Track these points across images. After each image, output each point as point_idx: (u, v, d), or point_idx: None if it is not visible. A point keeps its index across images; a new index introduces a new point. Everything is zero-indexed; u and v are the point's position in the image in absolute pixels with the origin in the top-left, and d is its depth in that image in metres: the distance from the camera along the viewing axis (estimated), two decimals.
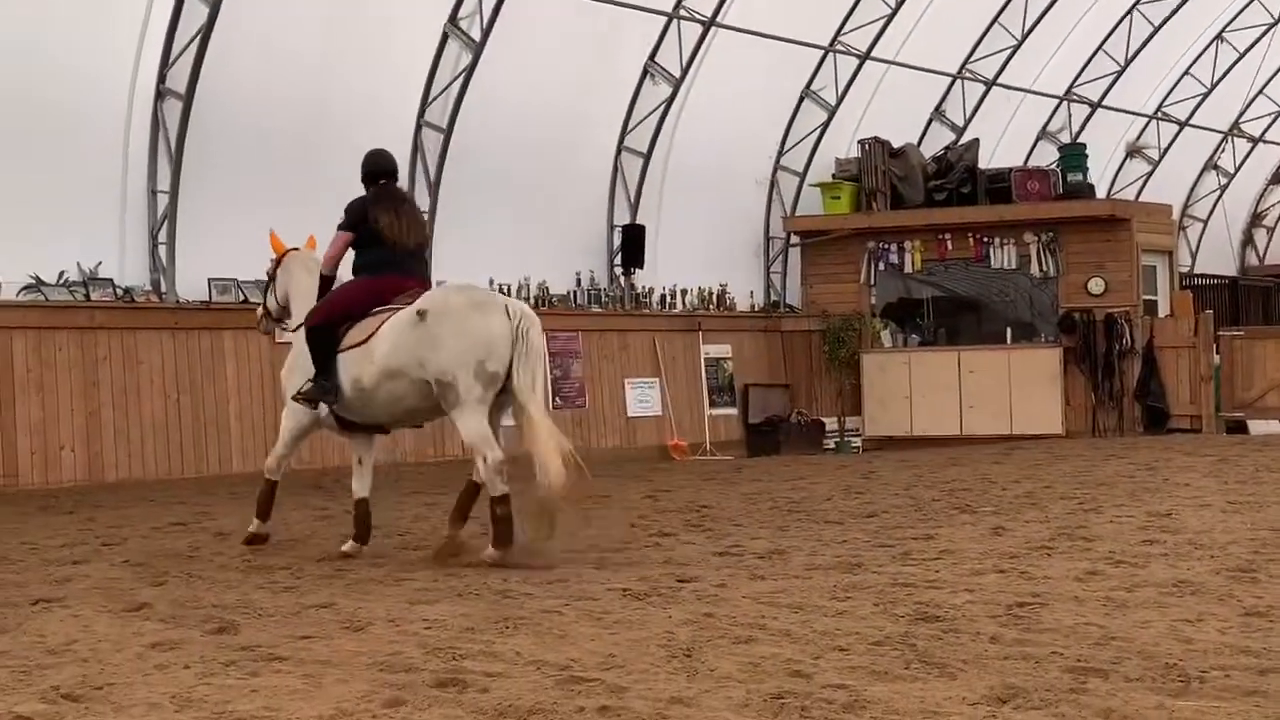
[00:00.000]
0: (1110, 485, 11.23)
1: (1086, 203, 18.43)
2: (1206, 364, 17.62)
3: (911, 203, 18.95)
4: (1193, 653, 5.13)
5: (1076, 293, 18.10)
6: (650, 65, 17.28)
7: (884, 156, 19.02)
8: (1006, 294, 18.94)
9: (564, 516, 7.67)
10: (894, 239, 18.77)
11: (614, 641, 5.55)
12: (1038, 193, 18.46)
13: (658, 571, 7.33)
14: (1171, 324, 18.05)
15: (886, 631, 5.63)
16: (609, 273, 17.63)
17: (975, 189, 18.79)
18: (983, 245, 18.50)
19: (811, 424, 18.40)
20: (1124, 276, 17.99)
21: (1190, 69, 24.20)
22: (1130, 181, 24.57)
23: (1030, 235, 18.29)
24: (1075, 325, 17.92)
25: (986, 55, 20.74)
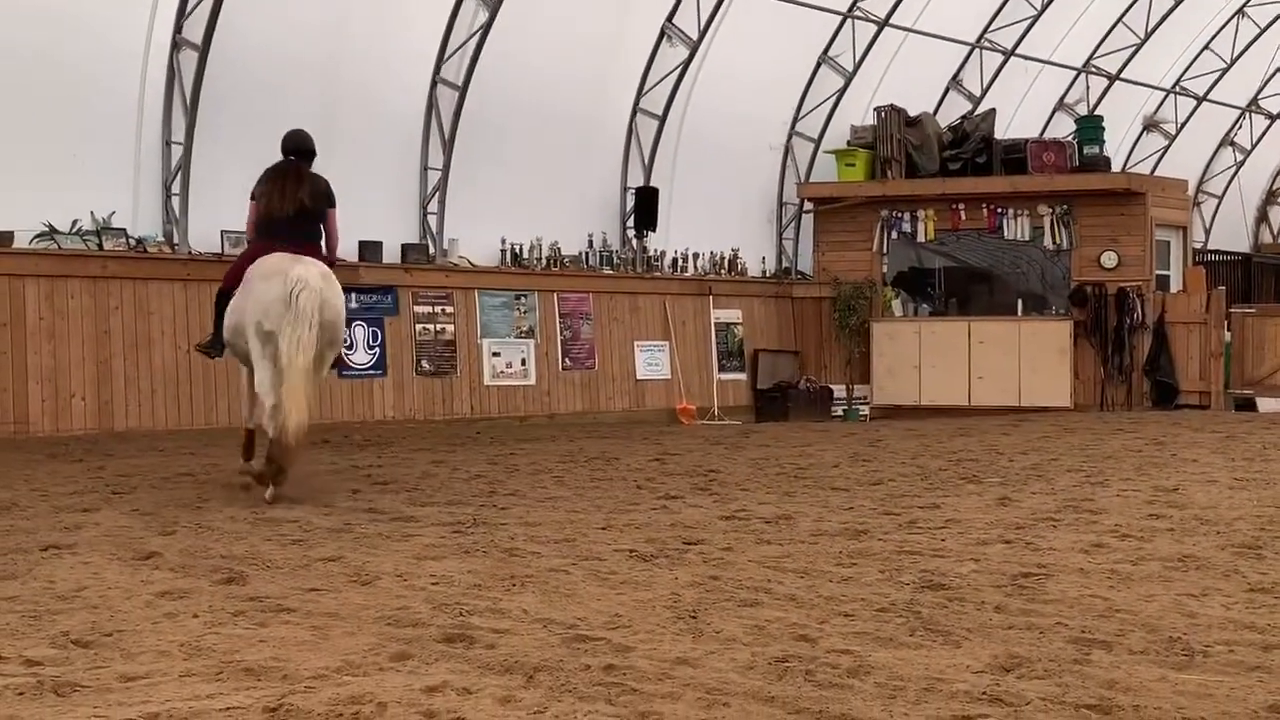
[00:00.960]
0: (1117, 459, 11.21)
1: (1102, 176, 18.32)
2: (1217, 340, 17.57)
3: (926, 172, 18.86)
4: (1197, 627, 5.13)
5: (1089, 266, 18.03)
6: (668, 27, 17.17)
7: (900, 125, 18.91)
8: (1019, 265, 18.87)
9: (291, 463, 8.45)
10: (907, 208, 18.70)
11: (620, 602, 5.57)
12: (1053, 164, 18.36)
13: (665, 534, 7.35)
14: (1183, 299, 17.99)
15: (891, 598, 5.64)
16: (621, 235, 17.59)
17: (990, 159, 18.69)
18: (996, 216, 18.42)
19: (820, 391, 18.39)
20: (1137, 251, 17.92)
21: (1210, 44, 23.99)
22: (1146, 155, 24.42)
23: (1044, 207, 18.20)
24: (1086, 298, 17.87)
25: (1005, 25, 20.58)
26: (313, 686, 4.31)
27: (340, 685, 4.32)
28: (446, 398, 15.07)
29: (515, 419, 15.44)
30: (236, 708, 4.09)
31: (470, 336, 15.42)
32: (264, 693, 4.23)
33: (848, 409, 18.25)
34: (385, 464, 10.76)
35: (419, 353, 14.88)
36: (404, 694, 4.20)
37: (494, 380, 15.56)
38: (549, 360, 16.09)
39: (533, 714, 4.03)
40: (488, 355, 15.51)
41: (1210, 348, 17.55)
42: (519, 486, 9.42)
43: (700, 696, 4.22)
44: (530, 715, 4.02)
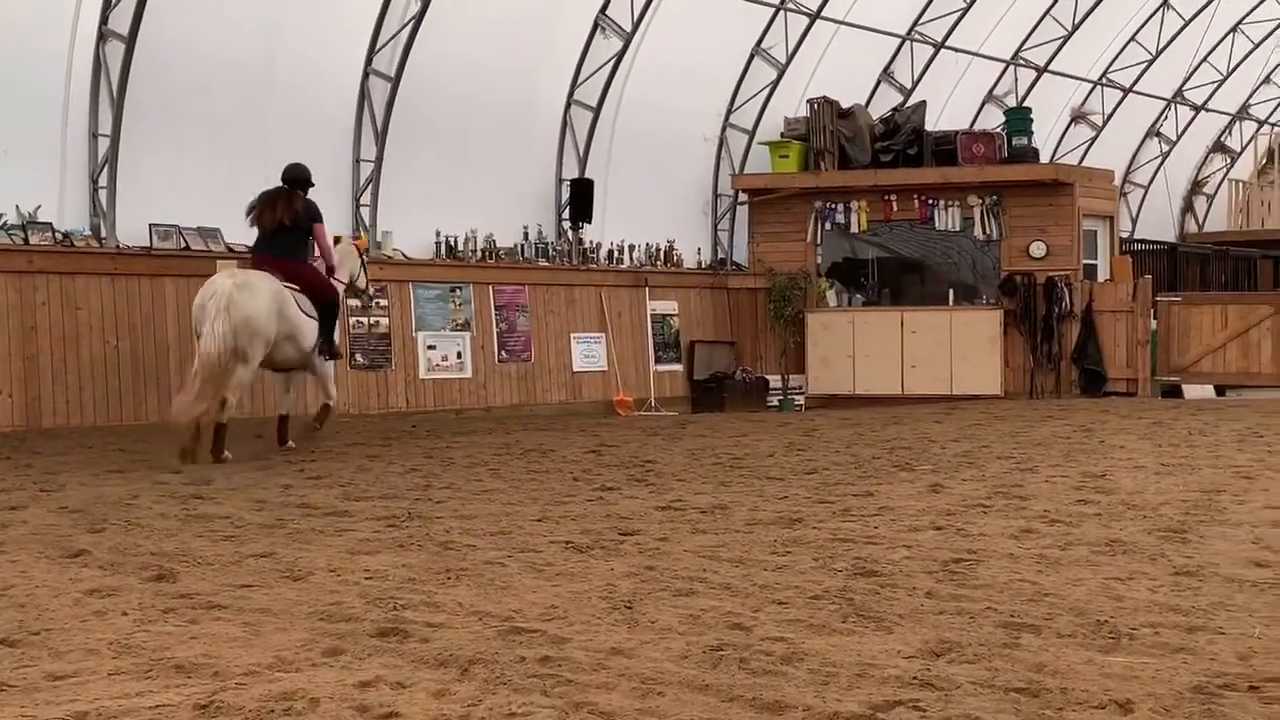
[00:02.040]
0: (1046, 446, 11.36)
1: (1030, 167, 18.55)
2: (1143, 329, 17.85)
3: (859, 163, 19.00)
4: (1123, 610, 5.21)
5: (1018, 256, 18.26)
6: (601, 18, 17.15)
7: (832, 116, 19.03)
8: (950, 256, 19.06)
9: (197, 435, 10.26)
10: (841, 199, 18.83)
11: (556, 593, 5.56)
12: (983, 155, 18.57)
13: (601, 525, 7.35)
14: (1110, 288, 18.26)
15: (825, 586, 5.67)
16: (557, 227, 17.56)
17: (921, 151, 18.86)
18: (928, 207, 18.60)
19: (756, 381, 18.48)
20: (1065, 241, 18.17)
21: (1136, 36, 24.36)
22: (1074, 147, 24.76)
23: (974, 198, 18.40)
24: (1016, 288, 18.09)
25: (935, 18, 20.77)
26: (244, 683, 4.27)
27: (272, 681, 4.28)
28: (381, 391, 14.97)
29: (451, 412, 15.37)
30: (166, 705, 4.03)
31: (405, 329, 15.32)
32: (194, 690, 4.18)
33: (783, 399, 18.35)
34: (319, 458, 10.66)
35: (353, 346, 14.76)
36: (336, 689, 4.17)
37: (429, 373, 15.48)
38: (485, 353, 16.03)
39: (467, 707, 4.02)
40: (423, 348, 15.42)
41: (1137, 336, 17.85)
42: (454, 480, 9.38)
43: (635, 686, 4.23)
44: (465, 708, 4.01)
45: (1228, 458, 10.18)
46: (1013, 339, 18.18)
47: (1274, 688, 4.19)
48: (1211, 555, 6.29)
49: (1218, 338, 17.78)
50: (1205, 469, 9.52)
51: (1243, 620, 5.04)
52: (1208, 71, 26.27)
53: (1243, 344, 17.65)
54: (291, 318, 10.87)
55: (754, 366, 18.77)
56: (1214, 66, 26.25)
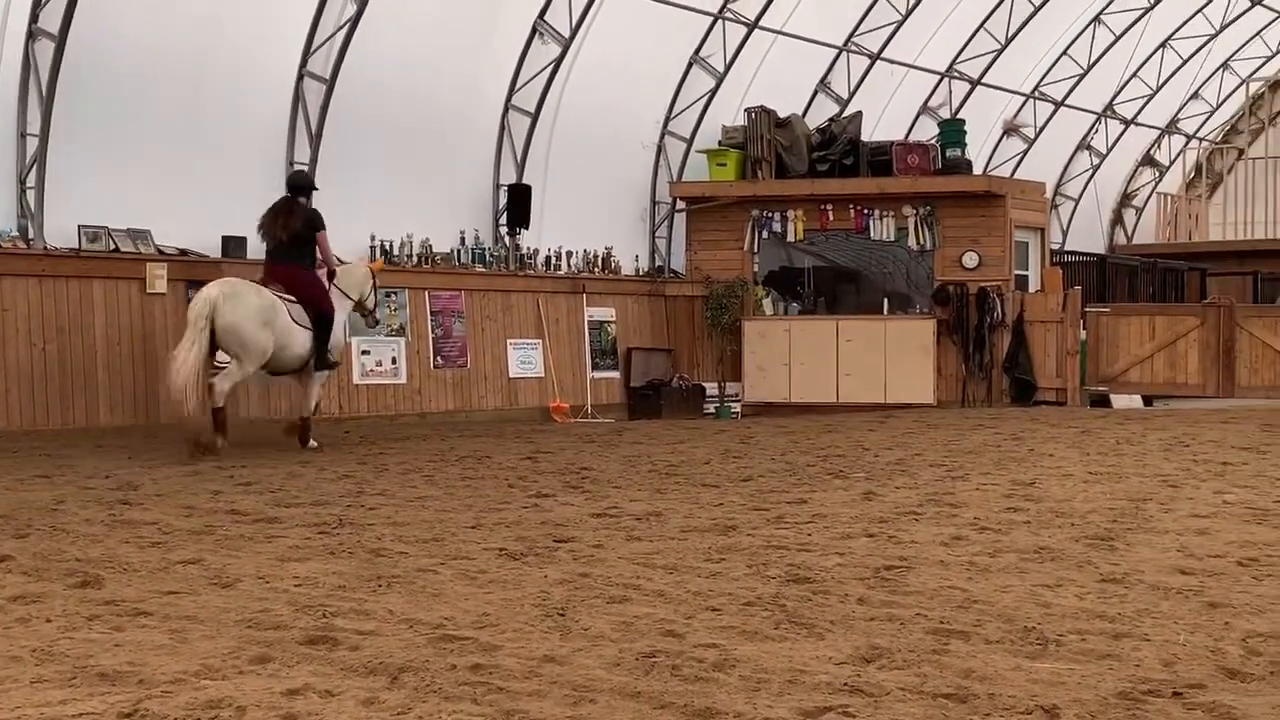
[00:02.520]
0: (977, 454, 11.49)
1: (964, 178, 18.75)
2: (1073, 339, 18.10)
3: (795, 172, 19.11)
4: (1051, 617, 5.28)
5: (951, 266, 18.45)
6: (540, 24, 17.13)
7: (770, 126, 19.13)
8: (885, 265, 19.23)
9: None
10: (778, 208, 18.93)
11: (488, 600, 5.54)
12: (917, 166, 18.75)
13: (535, 532, 7.33)
14: (1041, 299, 18.50)
15: (758, 592, 5.70)
16: (494, 232, 17.50)
17: (857, 161, 19.01)
18: (863, 217, 18.74)
19: (692, 388, 18.52)
20: (997, 251, 18.39)
21: (1068, 50, 24.74)
22: (1007, 159, 25.08)
23: (909, 208, 18.57)
24: (949, 298, 18.28)
25: (871, 29, 20.96)
26: (170, 691, 4.21)
27: (198, 689, 4.23)
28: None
29: (385, 418, 15.26)
30: (90, 713, 3.97)
31: None
32: (119, 698, 4.12)
33: (720, 406, 18.41)
34: (249, 464, 10.55)
35: None
36: (264, 697, 4.12)
37: (363, 379, 15.36)
38: (420, 359, 15.94)
39: (396, 715, 3.99)
40: (357, 354, 15.30)
41: (1067, 346, 18.09)
42: (388, 486, 9.32)
43: (567, 694, 4.22)
44: (394, 716, 3.98)
45: (1154, 466, 10.35)
46: (945, 348, 18.36)
47: (1197, 694, 4.26)
48: (1137, 563, 6.39)
49: (1145, 348, 18.06)
50: (1132, 477, 9.67)
51: (1167, 627, 5.12)
52: (1138, 86, 26.73)
53: (1170, 355, 17.95)
54: (282, 328, 11.61)
55: (691, 374, 18.82)
56: (1144, 81, 26.71)
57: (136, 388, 13.43)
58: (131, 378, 13.36)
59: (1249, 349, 17.59)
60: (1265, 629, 5.07)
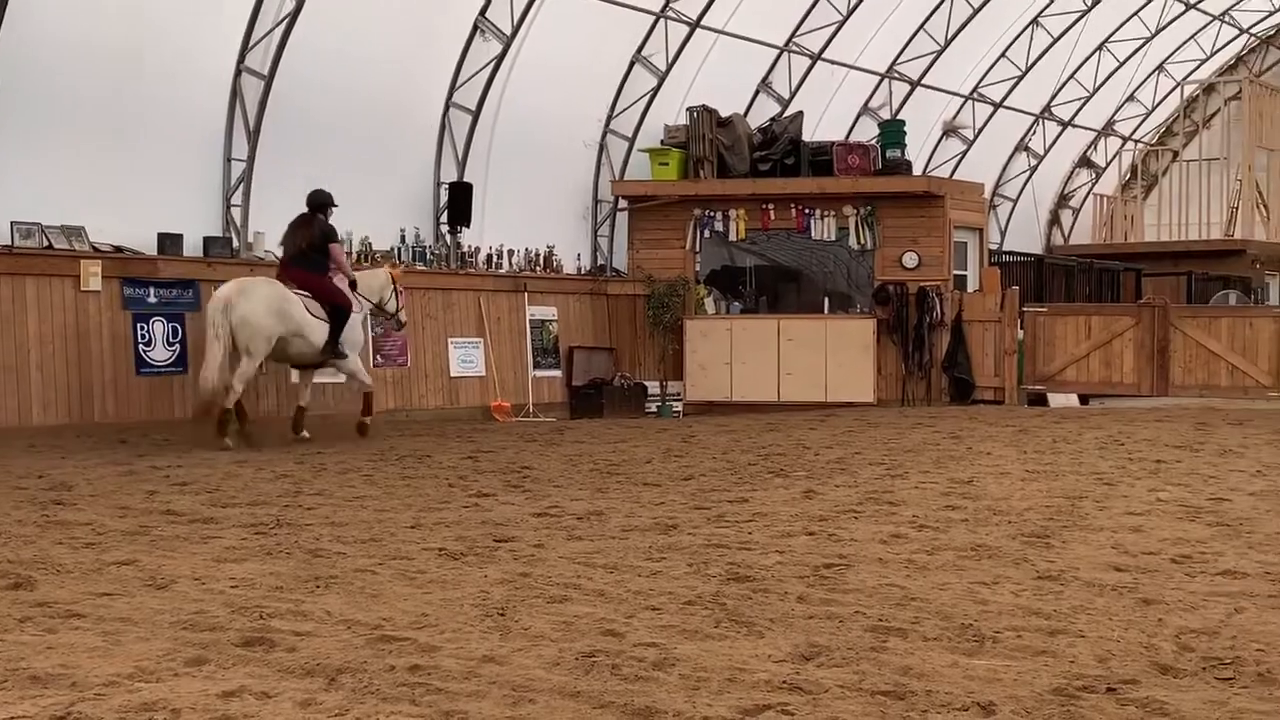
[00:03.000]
0: (916, 452, 11.59)
1: (903, 178, 18.90)
2: (1011, 338, 18.31)
3: (737, 172, 19.17)
4: (987, 613, 5.34)
5: (891, 266, 18.59)
6: (481, 21, 17.06)
7: (712, 125, 19.18)
8: (825, 265, 19.34)
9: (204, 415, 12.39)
10: (719, 207, 18.98)
11: (427, 601, 5.52)
12: (858, 167, 18.87)
13: (475, 532, 7.30)
14: (980, 299, 18.69)
15: (698, 591, 5.71)
16: (435, 230, 17.41)
17: (799, 161, 19.10)
18: (804, 216, 18.84)
19: (634, 387, 18.53)
20: (936, 251, 18.56)
21: (1006, 52, 25.01)
22: (946, 159, 25.31)
23: (849, 208, 18.69)
24: (889, 297, 18.42)
25: (812, 30, 21.07)
26: (103, 694, 4.15)
27: (132, 692, 4.17)
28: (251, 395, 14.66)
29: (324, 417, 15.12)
30: (22, 716, 3.91)
31: None
32: (51, 701, 4.06)
33: (661, 405, 18.43)
34: (186, 464, 10.43)
35: None
36: (199, 699, 4.08)
37: None
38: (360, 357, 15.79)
39: (333, 716, 3.96)
40: None
41: (1005, 345, 18.29)
42: (326, 486, 9.25)
43: (506, 694, 4.21)
44: (331, 718, 3.95)
45: (1090, 465, 10.49)
46: (885, 347, 18.50)
47: (1130, 690, 4.32)
48: (1073, 560, 6.48)
49: (1081, 348, 18.30)
50: (1068, 475, 9.79)
51: (1102, 623, 5.19)
52: (1075, 88, 27.08)
53: (1105, 354, 18.20)
54: (298, 318, 12.62)
55: (633, 373, 18.82)
56: (1080, 84, 27.07)
57: (70, 386, 13.23)
58: (65, 376, 13.15)
59: (1183, 348, 17.87)
60: (1198, 625, 5.15)
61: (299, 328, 12.62)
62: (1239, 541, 7.01)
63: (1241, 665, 4.58)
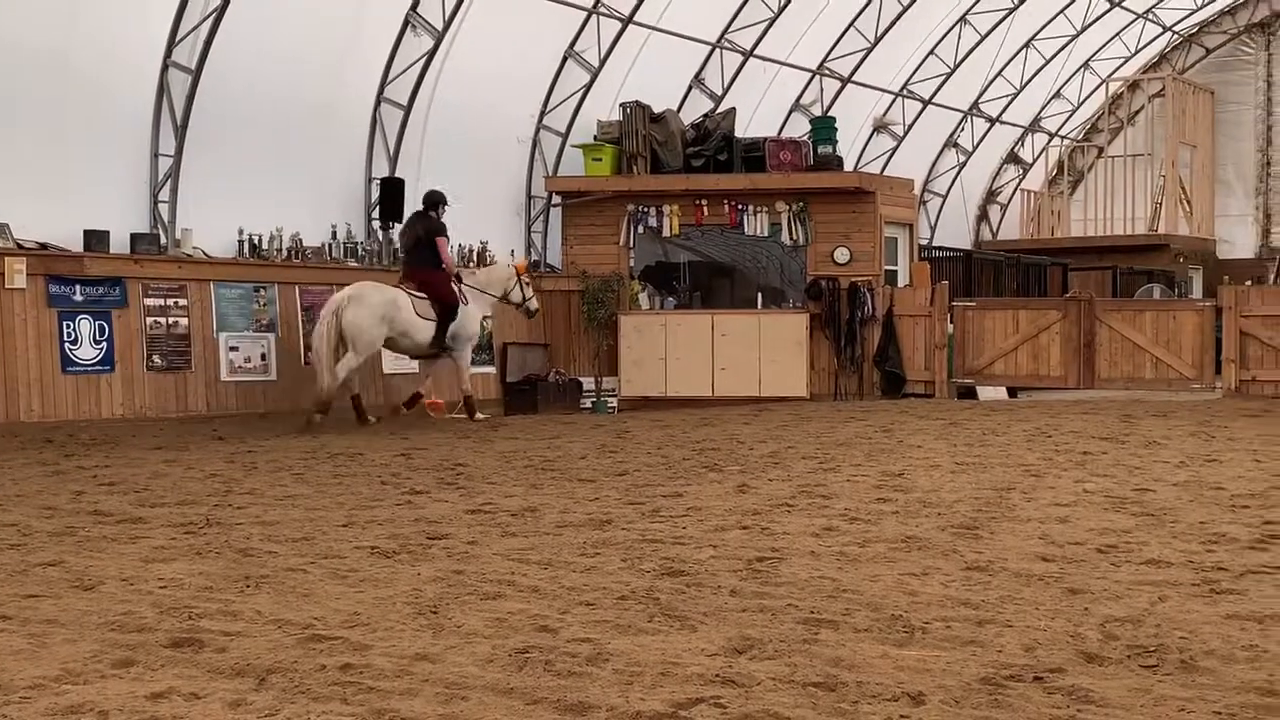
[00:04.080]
0: (849, 446, 11.69)
1: (835, 174, 19.03)
2: (941, 332, 18.49)
3: (670, 168, 19.21)
4: (917, 604, 5.40)
5: (823, 261, 18.72)
6: (412, 16, 16.95)
7: (645, 121, 19.20)
8: (759, 260, 19.43)
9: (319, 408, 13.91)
10: (653, 203, 19.01)
11: (359, 599, 5.49)
12: (790, 163, 18.97)
13: (408, 529, 7.27)
14: (910, 294, 18.87)
15: (632, 586, 5.73)
16: (366, 226, 17.28)
17: (731, 157, 19.17)
18: (737, 212, 18.91)
19: (569, 383, 18.51)
20: (868, 247, 18.71)
21: (935, 49, 25.26)
22: (876, 155, 25.53)
23: (782, 204, 18.80)
24: (821, 292, 18.54)
25: (745, 26, 21.16)
26: (29, 697, 4.09)
27: (59, 695, 4.11)
28: (180, 394, 14.50)
29: (255, 416, 14.97)
30: None
31: (205, 330, 14.87)
32: None
33: (596, 401, 18.43)
34: (113, 464, 10.28)
35: (150, 348, 14.27)
36: (127, 701, 4.03)
37: (232, 376, 15.06)
38: (291, 355, 15.67)
39: (264, 717, 3.92)
40: (224, 350, 14.99)
41: (934, 339, 18.47)
42: (257, 485, 9.17)
43: (439, 692, 4.20)
44: (261, 718, 3.92)
45: (1018, 456, 10.64)
46: (818, 342, 18.63)
47: (1057, 678, 4.39)
48: (1001, 551, 6.56)
49: (1009, 341, 18.51)
50: (997, 467, 9.92)
51: (1029, 613, 5.27)
52: (1002, 85, 27.41)
53: (1033, 347, 18.44)
54: (404, 321, 14.34)
55: (567, 369, 18.80)
56: (1008, 80, 27.40)
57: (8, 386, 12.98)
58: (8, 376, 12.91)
59: (1109, 342, 18.14)
60: (1122, 614, 5.24)
61: (405, 329, 14.35)
62: (1163, 531, 7.14)
63: (1165, 653, 4.67)
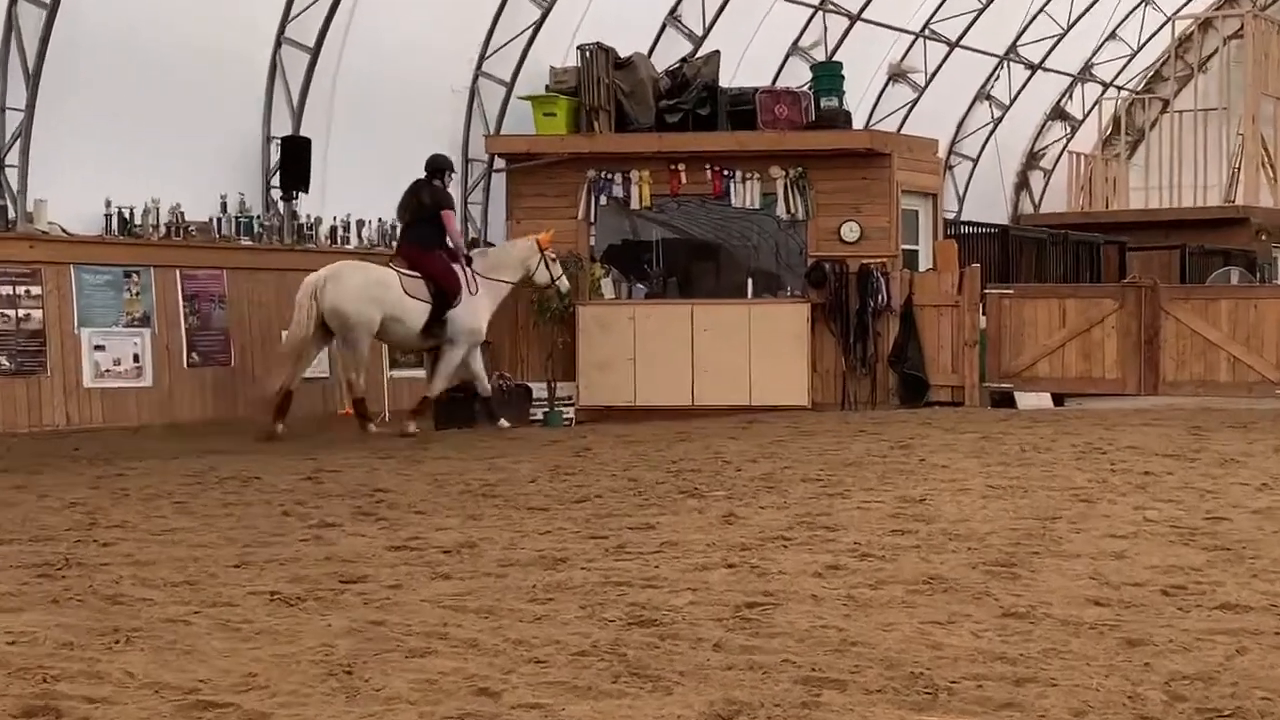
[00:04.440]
0: (859, 466, 11.71)
1: (841, 133, 19.11)
2: (971, 326, 18.59)
3: (640, 125, 19.23)
4: (942, 660, 5.41)
5: (828, 239, 18.79)
6: None
7: (608, 67, 19.21)
8: (749, 238, 19.48)
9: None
10: (619, 168, 19.02)
11: (255, 658, 5.50)
12: (786, 119, 19.03)
13: (316, 571, 7.29)
14: (933, 279, 18.96)
15: (593, 639, 5.74)
16: (264, 197, 17.25)
17: (715, 111, 19.20)
18: (722, 179, 18.95)
19: (516, 390, 18.49)
20: (882, 222, 18.78)
21: None
22: (892, 110, 25.63)
23: (777, 169, 18.85)
24: (825, 278, 18.60)
25: None
26: None
27: None
28: (33, 404, 14.45)
29: (126, 430, 14.93)
30: None
31: (64, 325, 14.83)
32: None
33: (549, 412, 18.44)
34: None
35: None
36: None
37: (97, 381, 15.03)
38: (170, 355, 15.63)
39: None
40: (88, 349, 14.96)
41: (964, 335, 18.56)
42: (128, 516, 9.17)
43: None
44: None
45: (1065, 478, 10.68)
46: (822, 339, 18.69)
47: None
48: (1044, 593, 6.59)
49: (1055, 337, 18.64)
50: (1039, 492, 9.96)
51: (1078, 669, 5.29)
52: (1045, 24, 27.53)
53: (1084, 344, 18.56)
54: (393, 303, 14.84)
55: (514, 373, 18.79)
56: (1052, 19, 27.54)
57: None
58: None
59: (1175, 337, 18.28)
60: (1191, 670, 5.27)
61: (395, 312, 14.85)
62: (1241, 569, 7.19)
63: (1244, 717, 4.70)
